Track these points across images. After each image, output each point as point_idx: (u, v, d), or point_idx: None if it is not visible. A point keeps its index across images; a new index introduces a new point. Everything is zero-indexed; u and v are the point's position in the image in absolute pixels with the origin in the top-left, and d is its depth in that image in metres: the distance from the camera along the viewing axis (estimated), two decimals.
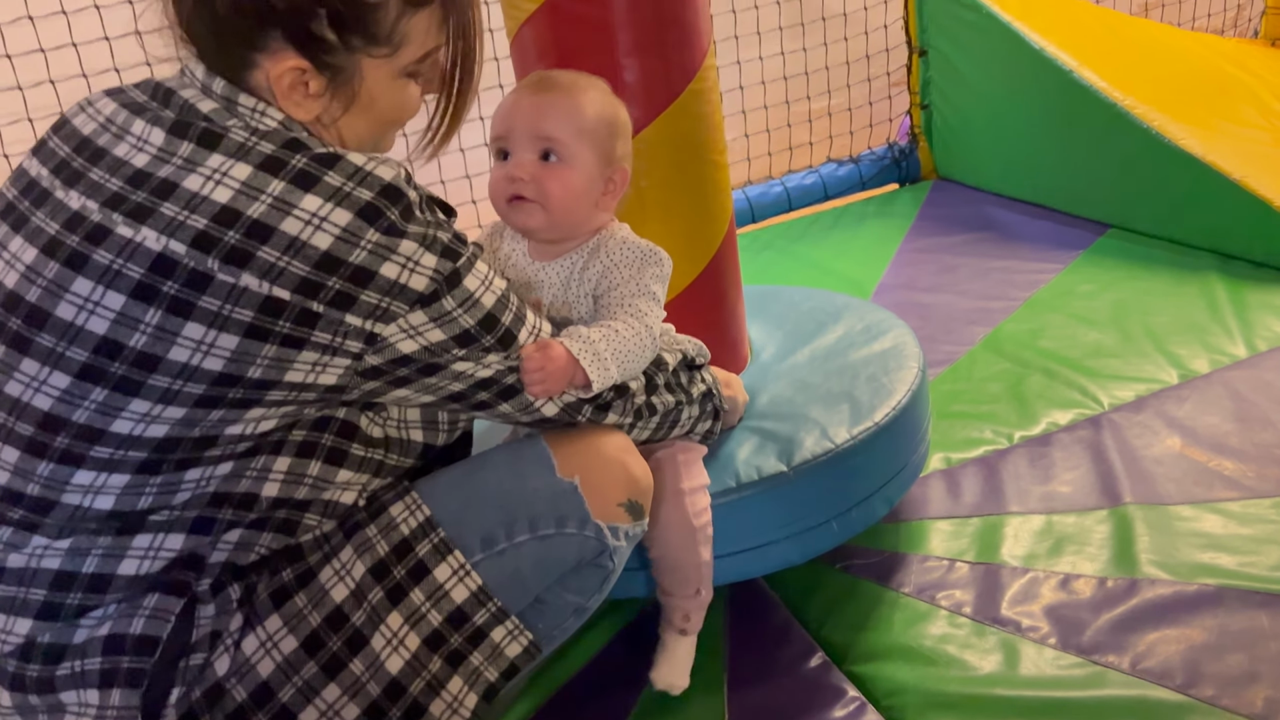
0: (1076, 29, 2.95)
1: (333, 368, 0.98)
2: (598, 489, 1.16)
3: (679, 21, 1.44)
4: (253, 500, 1.01)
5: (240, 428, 0.97)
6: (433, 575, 1.08)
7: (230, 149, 0.96)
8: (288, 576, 1.04)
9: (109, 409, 0.94)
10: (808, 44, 3.30)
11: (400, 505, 1.10)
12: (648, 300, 1.22)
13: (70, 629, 0.98)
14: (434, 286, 0.99)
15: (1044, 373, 2.08)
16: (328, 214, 0.95)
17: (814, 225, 3.06)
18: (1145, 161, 2.58)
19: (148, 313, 0.93)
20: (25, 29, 2.43)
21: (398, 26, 1.01)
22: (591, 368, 1.12)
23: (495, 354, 1.06)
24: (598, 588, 1.20)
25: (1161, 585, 1.49)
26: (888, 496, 1.53)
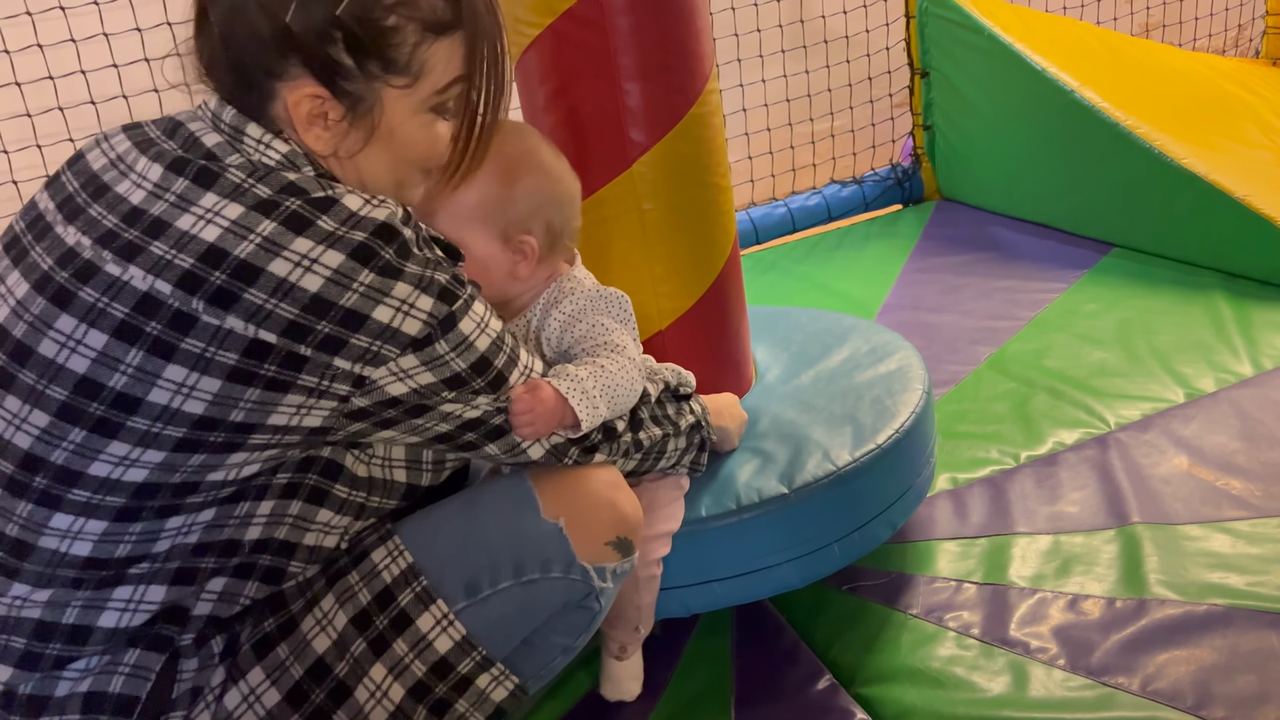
0: (1078, 50, 2.97)
1: (318, 410, 0.95)
2: (584, 529, 1.13)
3: (680, 47, 1.45)
4: (235, 546, 0.99)
5: (222, 474, 0.95)
6: (415, 625, 1.06)
7: (225, 189, 0.94)
8: (270, 626, 1.03)
9: (87, 451, 0.93)
10: (810, 66, 3.32)
11: (382, 550, 1.08)
12: (621, 335, 1.21)
13: (52, 680, 0.97)
14: (427, 330, 0.97)
15: (1050, 392, 2.08)
16: (319, 256, 0.92)
17: (818, 246, 3.07)
18: (1148, 181, 2.59)
19: (129, 353, 0.91)
20: (34, 56, 2.45)
21: (416, 54, 0.99)
22: (581, 407, 1.10)
23: (485, 396, 1.04)
24: (585, 628, 1.17)
25: (1170, 605, 1.48)
26: (890, 520, 1.52)
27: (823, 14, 3.36)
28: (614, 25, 1.41)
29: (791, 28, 3.30)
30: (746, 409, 1.59)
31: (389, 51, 0.98)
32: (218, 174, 0.95)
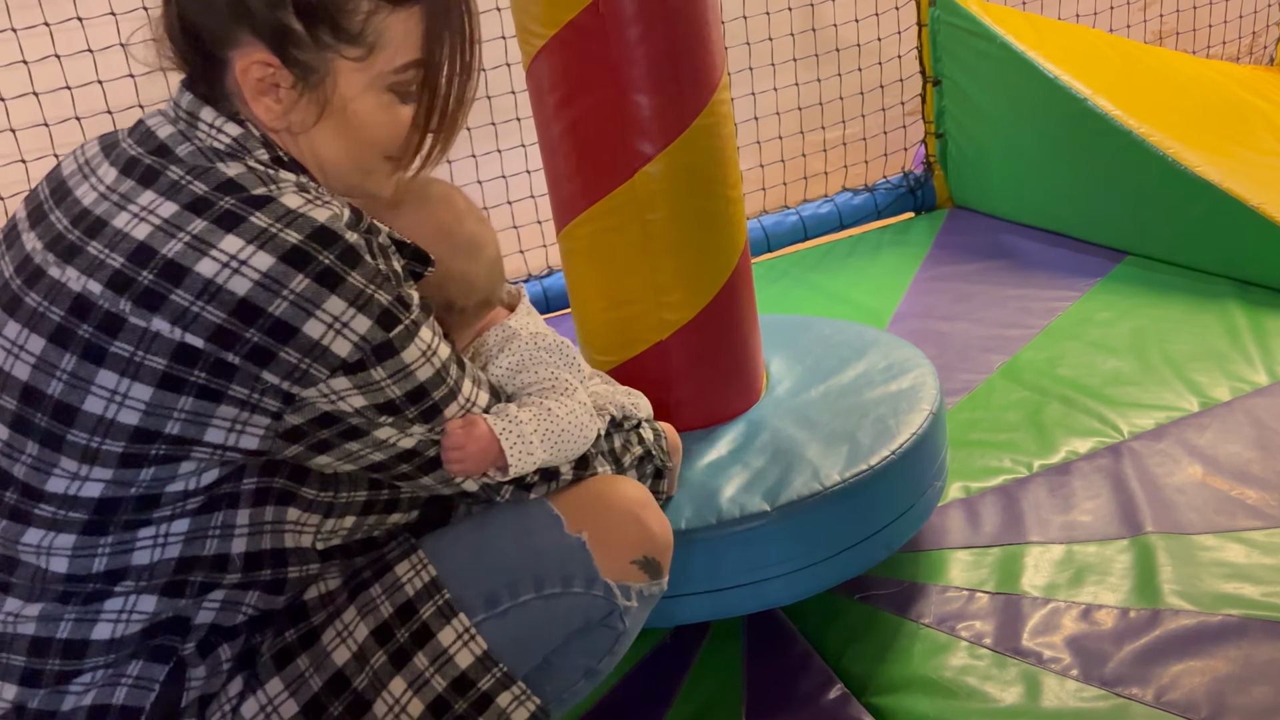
0: (1091, 57, 2.96)
1: (252, 428, 0.92)
2: (608, 546, 1.10)
3: (685, 59, 1.45)
4: (225, 560, 0.98)
5: (181, 484, 0.93)
6: (437, 639, 1.04)
7: (163, 187, 0.92)
8: (291, 637, 1.02)
9: (41, 465, 0.92)
10: (822, 75, 3.32)
11: (406, 564, 1.07)
12: (568, 379, 1.15)
13: (58, 695, 0.96)
14: (359, 355, 0.92)
15: (1063, 401, 2.07)
16: (247, 257, 0.88)
17: (830, 254, 3.06)
18: (1162, 189, 2.58)
19: (64, 358, 0.89)
20: (19, 72, 2.47)
21: (370, 23, 0.94)
22: (512, 451, 1.05)
23: (419, 425, 0.99)
24: (609, 649, 1.14)
25: (1185, 616, 1.47)
26: (886, 542, 1.50)
27: (834, 22, 3.36)
28: (617, 36, 1.42)
29: (803, 36, 3.30)
30: (751, 421, 1.59)
31: (340, 19, 0.93)
32: (159, 171, 0.93)
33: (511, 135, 3.01)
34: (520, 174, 3.01)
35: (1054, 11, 3.63)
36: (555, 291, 2.96)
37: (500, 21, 2.90)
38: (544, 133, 1.55)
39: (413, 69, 0.98)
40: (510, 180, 3.02)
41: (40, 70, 2.47)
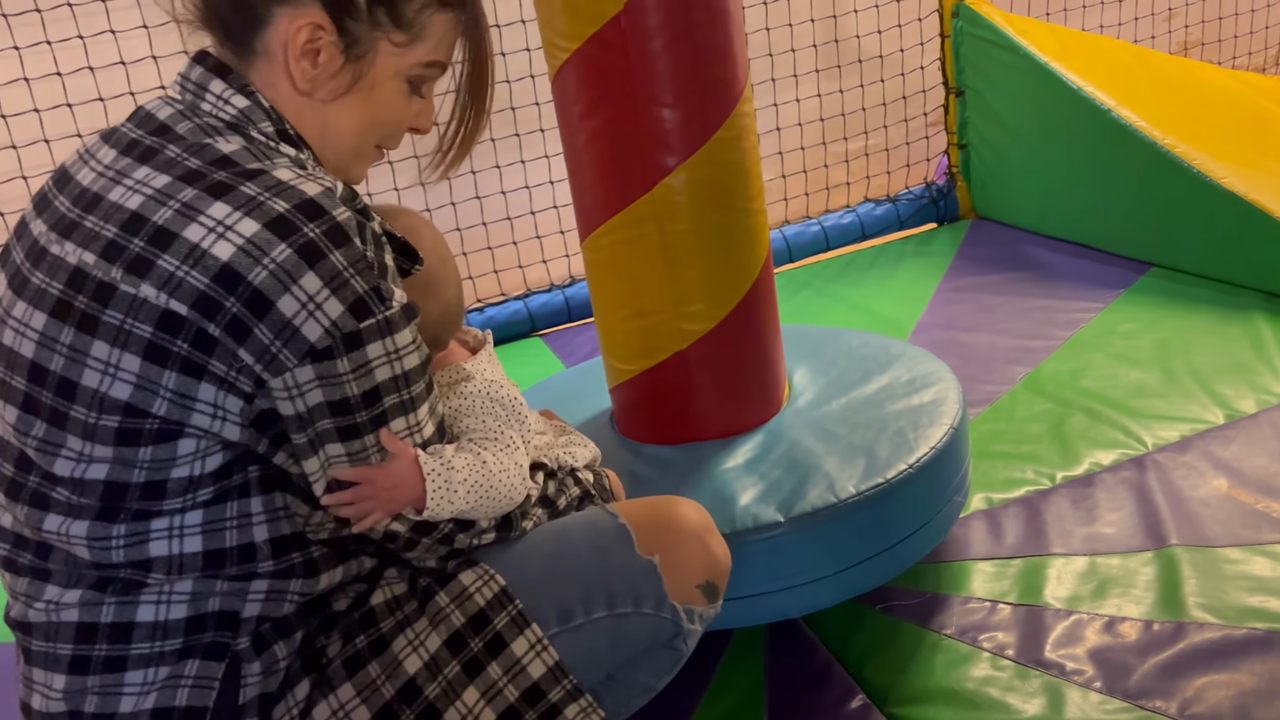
0: (1115, 68, 2.96)
1: (230, 412, 0.92)
2: (677, 569, 1.12)
3: (706, 72, 1.46)
4: (252, 550, 0.98)
5: (185, 470, 0.93)
6: (510, 649, 1.05)
7: (160, 162, 0.93)
8: (361, 644, 1.03)
9: (49, 446, 0.93)
10: (844, 86, 3.33)
11: (472, 574, 1.07)
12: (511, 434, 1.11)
13: (114, 697, 0.97)
14: (328, 342, 0.90)
15: (1086, 413, 2.06)
16: (234, 222, 0.88)
17: (851, 265, 3.06)
18: (1187, 200, 2.57)
19: (63, 331, 0.91)
20: (20, 90, 2.51)
21: (420, 17, 1.00)
22: (435, 493, 1.00)
23: (368, 435, 0.96)
24: (669, 669, 1.16)
25: (1210, 629, 1.46)
26: (902, 556, 1.49)
27: (857, 34, 3.37)
28: (639, 50, 1.43)
29: (826, 48, 3.31)
30: (771, 432, 1.59)
31: (399, 4, 0.98)
32: (158, 150, 0.95)
33: (535, 146, 3.03)
34: (544, 184, 3.03)
35: (1078, 22, 3.62)
36: (577, 301, 2.98)
37: (525, 34, 2.93)
38: (568, 144, 1.57)
39: (435, 68, 1.04)
40: (534, 190, 3.04)
41: (41, 87, 2.51)
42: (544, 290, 3.01)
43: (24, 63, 2.50)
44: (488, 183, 2.98)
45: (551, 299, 2.99)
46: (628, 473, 1.56)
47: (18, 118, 2.52)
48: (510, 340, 2.90)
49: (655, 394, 1.61)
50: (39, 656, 0.99)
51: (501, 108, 2.98)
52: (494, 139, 2.98)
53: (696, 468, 1.53)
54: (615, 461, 1.61)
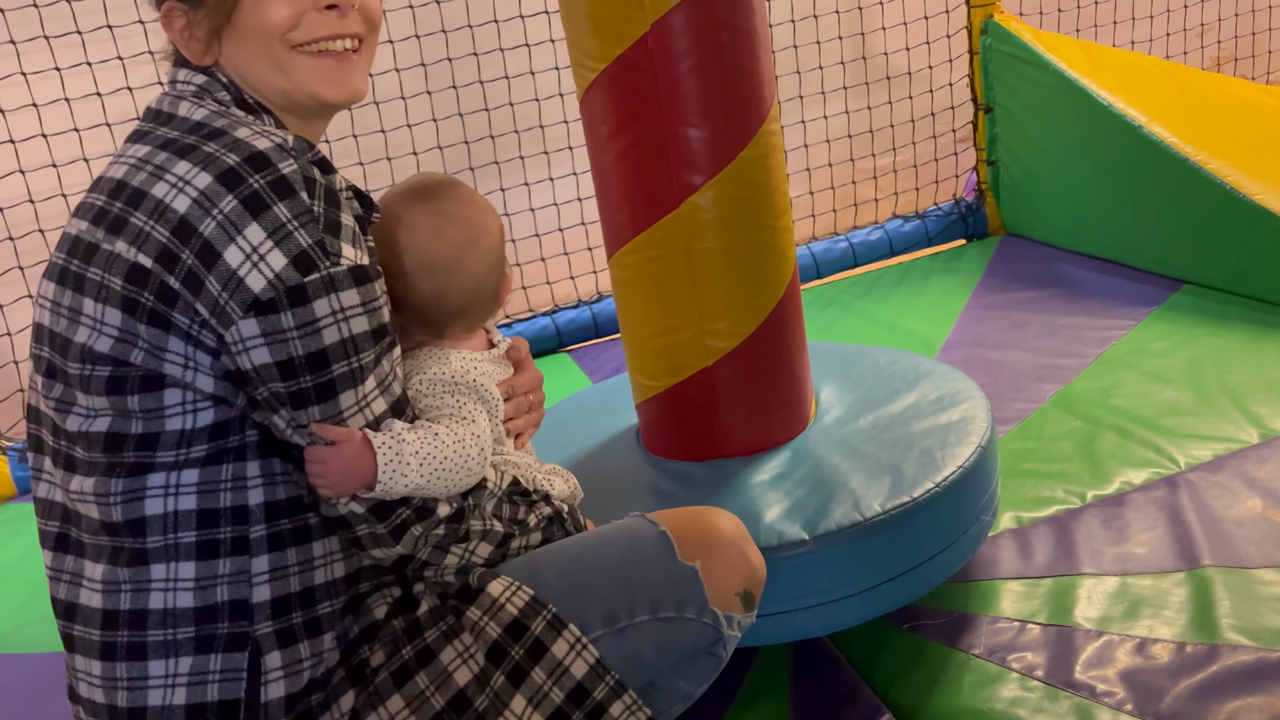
0: (1146, 85, 2.94)
1: (201, 367, 0.96)
2: (717, 576, 1.15)
3: (732, 92, 1.47)
4: (244, 512, 1.00)
5: (177, 422, 0.97)
6: (551, 652, 1.07)
7: (150, 139, 1.02)
8: (408, 654, 1.05)
9: (64, 405, 1.00)
10: (873, 103, 3.33)
11: (498, 585, 1.09)
12: (474, 410, 1.10)
13: (142, 691, 0.99)
14: (271, 294, 0.93)
15: (1117, 431, 2.04)
16: (192, 177, 0.94)
17: (880, 281, 3.06)
18: (1220, 217, 2.54)
19: (64, 295, 0.99)
20: (29, 116, 2.54)
21: None
22: (386, 467, 0.99)
23: (315, 406, 0.97)
24: (708, 676, 1.18)
25: (1243, 651, 1.44)
26: (928, 576, 1.48)
27: (885, 51, 3.37)
28: (665, 71, 1.44)
29: (854, 65, 3.31)
30: (797, 449, 1.59)
31: None
32: (148, 131, 1.03)
33: (563, 163, 3.05)
34: (572, 201, 3.05)
35: (1108, 39, 3.60)
36: (605, 317, 2.99)
37: (554, 53, 2.95)
38: (596, 162, 1.58)
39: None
40: (562, 208, 3.06)
41: (49, 113, 2.56)
42: (571, 306, 3.03)
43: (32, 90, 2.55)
44: (516, 200, 3.00)
45: (579, 315, 3.00)
46: (653, 488, 1.56)
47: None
48: (538, 356, 2.91)
49: (681, 410, 1.61)
50: (80, 643, 1.03)
51: (530, 125, 3.00)
52: (523, 156, 3.00)
53: (722, 484, 1.53)
54: (641, 477, 1.61)
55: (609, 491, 1.52)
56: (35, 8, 2.51)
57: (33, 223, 2.59)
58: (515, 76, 2.94)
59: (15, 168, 2.56)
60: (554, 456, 1.69)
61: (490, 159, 2.98)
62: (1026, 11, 3.48)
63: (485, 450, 1.08)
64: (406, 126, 2.85)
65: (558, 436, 1.75)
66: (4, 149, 2.56)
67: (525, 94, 2.97)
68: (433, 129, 2.91)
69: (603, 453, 1.71)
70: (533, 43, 2.94)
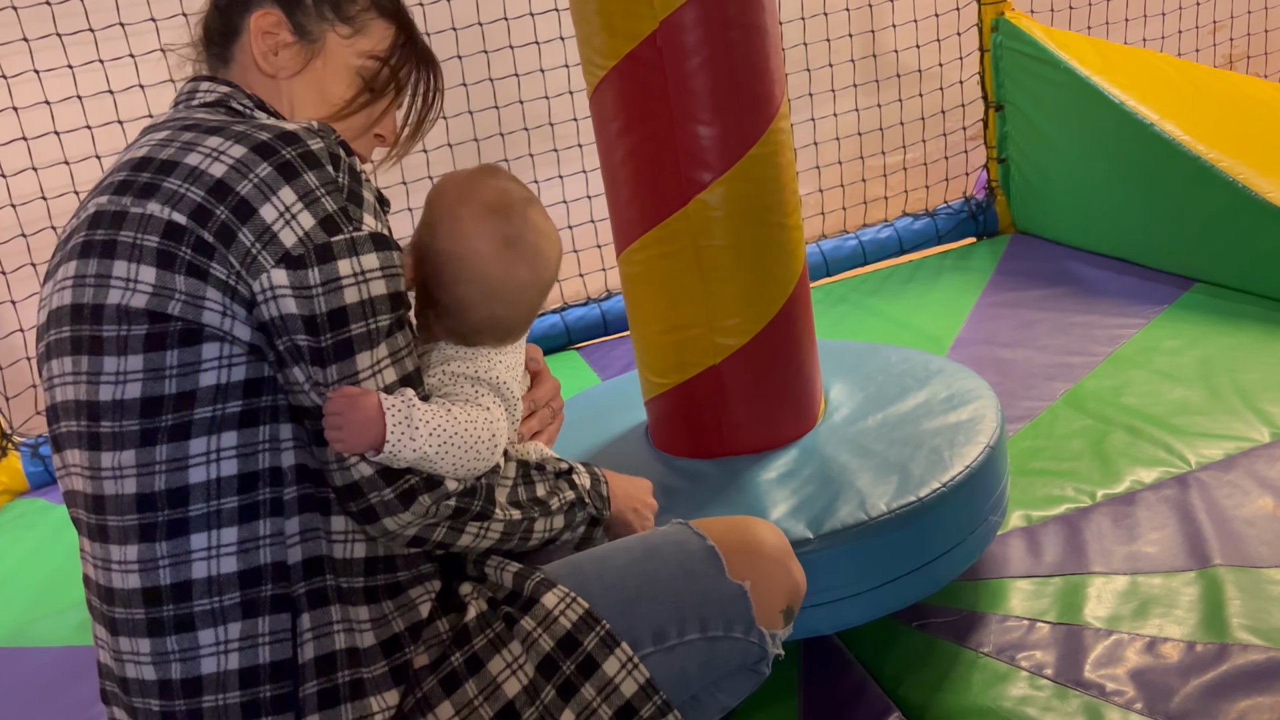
0: (1158, 83, 2.93)
1: (238, 318, 1.00)
2: (764, 594, 1.16)
3: (741, 90, 1.47)
4: (280, 474, 1.02)
5: (212, 377, 0.99)
6: (602, 669, 1.07)
7: (169, 126, 1.07)
8: (456, 662, 1.06)
9: (93, 377, 1.01)
10: (883, 100, 3.32)
11: (553, 596, 1.09)
12: (491, 401, 1.11)
13: (195, 661, 1.01)
14: (301, 250, 0.99)
15: (1128, 430, 2.03)
16: (226, 149, 1.01)
17: (889, 279, 3.05)
18: (1232, 215, 2.53)
19: (89, 265, 1.01)
20: (42, 112, 2.57)
21: (361, 16, 1.17)
22: (394, 428, 1.00)
23: (333, 365, 1.00)
24: (748, 690, 1.20)
25: (1254, 651, 1.44)
26: (935, 575, 1.47)
27: (895, 49, 3.36)
28: (673, 69, 1.44)
29: (864, 62, 3.31)
30: (804, 448, 1.59)
31: (343, 4, 1.17)
32: (162, 123, 1.09)
33: (573, 161, 3.06)
34: (581, 199, 3.06)
35: (1120, 36, 3.59)
36: (614, 315, 2.99)
37: (564, 51, 2.95)
38: (605, 159, 1.58)
39: (379, 63, 1.18)
40: (571, 205, 3.06)
41: (62, 110, 2.57)
42: (580, 304, 3.03)
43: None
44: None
45: (588, 313, 3.00)
46: (661, 485, 1.57)
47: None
48: (547, 354, 2.92)
49: (689, 408, 1.61)
50: (123, 624, 1.03)
51: (540, 123, 3.01)
52: (533, 154, 3.01)
53: (730, 482, 1.53)
54: (649, 474, 1.61)
55: None
56: (48, 5, 2.53)
57: (45, 219, 2.61)
58: (525, 74, 2.95)
59: (28, 164, 2.58)
60: (563, 453, 1.68)
61: (500, 156, 2.98)
62: (1038, 9, 3.47)
63: (498, 438, 1.09)
64: None
65: (567, 433, 1.75)
66: (17, 146, 2.57)
67: (535, 91, 2.97)
68: (443, 126, 2.92)
69: (612, 449, 1.72)
70: (543, 40, 2.94)
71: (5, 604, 2.12)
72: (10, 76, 2.54)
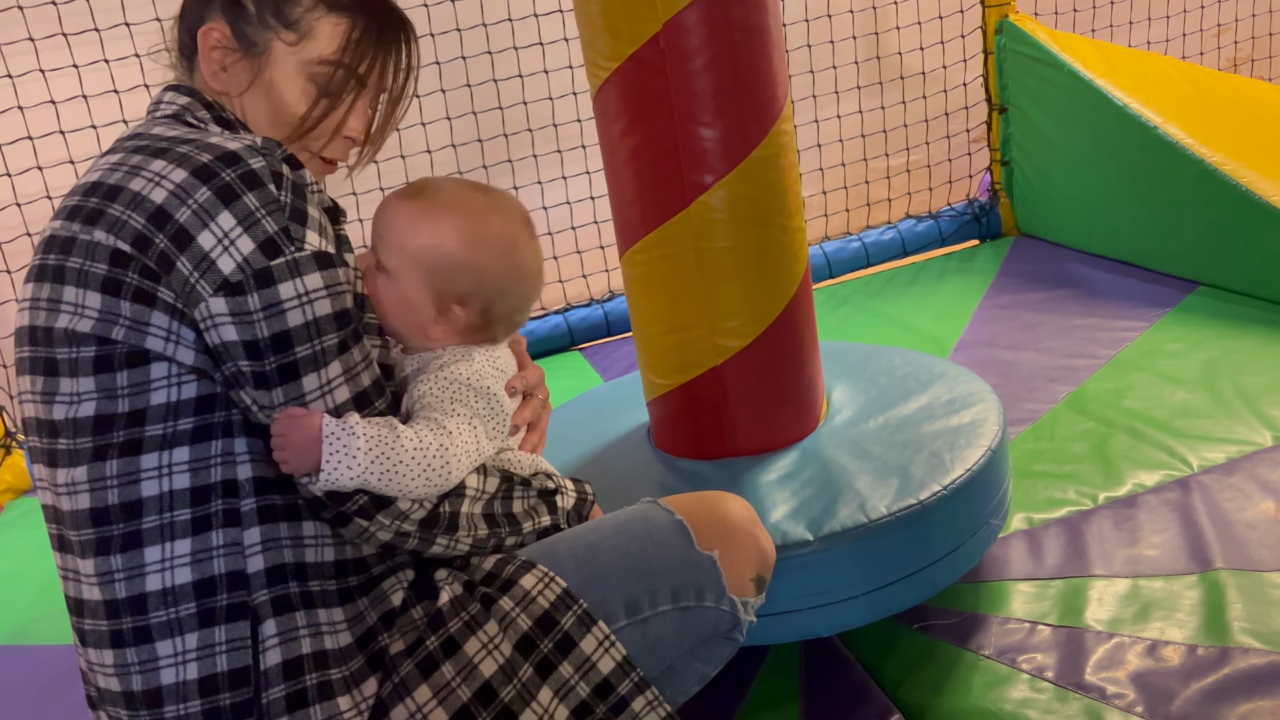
0: (1162, 85, 2.92)
1: (184, 341, 0.99)
2: (733, 563, 1.19)
3: (744, 91, 1.47)
4: (235, 486, 1.02)
5: (163, 395, 0.99)
6: (580, 647, 1.10)
7: (120, 149, 1.07)
8: (432, 645, 1.06)
9: (48, 396, 1.02)
10: (886, 102, 3.32)
11: (531, 577, 1.11)
12: (456, 421, 1.09)
13: (154, 672, 1.01)
14: (240, 277, 0.98)
15: (1129, 433, 2.03)
16: (168, 173, 1.00)
17: (892, 281, 3.05)
18: (1235, 218, 2.53)
19: (43, 289, 1.03)
20: (47, 112, 2.57)
21: (306, 18, 1.12)
22: (331, 455, 0.99)
23: (279, 388, 1.00)
24: (725, 658, 1.23)
25: (1255, 655, 1.43)
26: (932, 580, 1.47)
27: (899, 50, 3.36)
28: (676, 71, 1.44)
29: (868, 64, 3.31)
30: (805, 450, 1.58)
31: (284, 6, 1.12)
32: (117, 148, 1.08)
33: (577, 162, 3.06)
34: (584, 200, 3.06)
35: (1124, 39, 3.58)
36: (616, 316, 2.99)
37: (568, 52, 2.96)
38: (608, 161, 1.58)
39: (331, 66, 1.13)
40: (574, 206, 3.06)
41: (67, 110, 2.57)
42: (583, 305, 3.03)
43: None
44: (529, 198, 3.01)
45: (590, 313, 3.01)
46: (662, 486, 1.57)
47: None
48: (549, 354, 2.92)
49: (691, 409, 1.61)
50: (91, 636, 1.04)
51: (544, 124, 3.01)
52: (536, 155, 3.01)
53: (730, 483, 1.53)
54: (650, 475, 1.61)
55: (619, 489, 1.53)
56: (54, 5, 2.53)
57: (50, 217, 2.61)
58: (529, 75, 2.95)
59: (34, 164, 2.58)
60: (565, 454, 1.69)
61: (504, 157, 2.98)
62: (1042, 11, 3.47)
63: (452, 464, 1.07)
64: (420, 124, 2.86)
65: (569, 434, 1.76)
66: (23, 145, 2.58)
67: (539, 92, 2.97)
68: (446, 127, 2.92)
69: (613, 450, 1.72)
70: (546, 41, 2.94)
71: (8, 602, 2.12)
72: (16, 76, 2.54)
